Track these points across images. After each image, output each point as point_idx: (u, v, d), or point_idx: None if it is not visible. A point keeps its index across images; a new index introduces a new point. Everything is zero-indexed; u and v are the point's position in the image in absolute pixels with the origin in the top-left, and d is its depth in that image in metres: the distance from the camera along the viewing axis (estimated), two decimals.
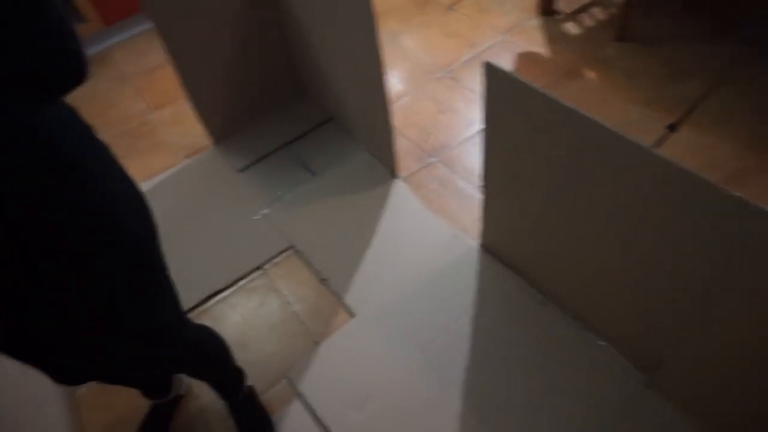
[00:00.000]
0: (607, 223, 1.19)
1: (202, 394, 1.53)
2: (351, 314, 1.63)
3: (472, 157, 1.98)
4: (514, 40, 2.40)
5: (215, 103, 2.08)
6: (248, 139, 2.17)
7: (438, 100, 2.21)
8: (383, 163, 1.97)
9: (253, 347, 1.61)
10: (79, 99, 2.81)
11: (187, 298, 1.71)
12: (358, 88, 1.80)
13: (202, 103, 2.05)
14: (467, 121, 2.11)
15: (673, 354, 1.26)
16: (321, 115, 2.20)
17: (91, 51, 2.82)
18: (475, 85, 2.24)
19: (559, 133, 1.14)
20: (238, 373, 1.41)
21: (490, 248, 1.68)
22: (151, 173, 2.13)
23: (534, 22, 2.48)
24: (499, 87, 1.20)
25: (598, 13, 2.46)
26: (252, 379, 1.53)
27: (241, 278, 1.77)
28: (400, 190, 1.91)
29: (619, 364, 1.42)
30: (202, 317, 1.69)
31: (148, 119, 2.40)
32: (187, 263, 1.80)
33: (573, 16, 2.47)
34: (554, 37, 2.38)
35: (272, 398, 1.50)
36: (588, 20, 2.44)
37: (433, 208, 1.84)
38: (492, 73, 1.19)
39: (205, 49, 1.90)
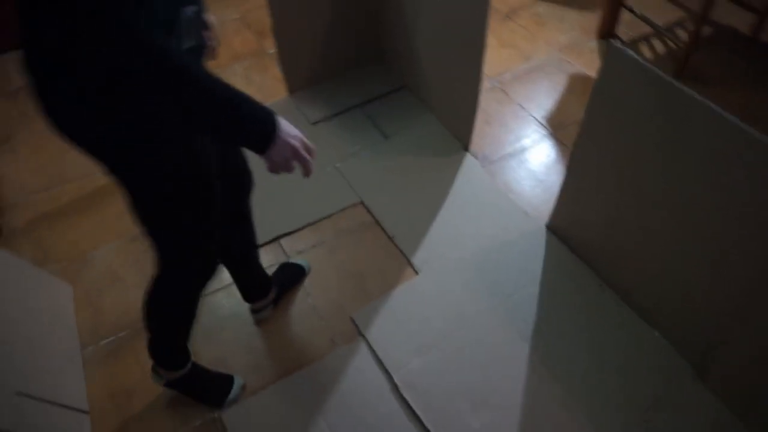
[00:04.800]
0: (690, 218, 1.26)
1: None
2: (416, 272, 1.70)
3: (513, 172, 1.97)
4: (569, 59, 2.39)
5: (299, 51, 2.13)
6: (323, 93, 2.22)
7: (485, 110, 2.18)
8: (457, 136, 2.03)
9: (317, 293, 1.68)
10: None
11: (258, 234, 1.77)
12: (450, 61, 1.85)
13: (286, 50, 2.10)
14: (513, 136, 2.09)
15: (727, 351, 1.33)
16: (395, 81, 2.25)
17: None
18: (524, 101, 2.22)
19: (673, 120, 1.19)
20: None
21: (557, 230, 1.75)
22: None
23: (592, 44, 2.45)
24: (619, 67, 1.25)
25: (658, 46, 2.44)
26: (316, 320, 1.60)
27: (310, 224, 1.83)
28: (471, 163, 1.97)
29: (670, 355, 1.49)
30: (269, 256, 1.76)
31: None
32: (257, 206, 1.86)
33: (632, 44, 2.45)
34: None
35: (336, 336, 1.57)
36: (646, 51, 2.43)
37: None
38: (615, 52, 1.25)
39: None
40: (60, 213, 1.93)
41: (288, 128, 0.89)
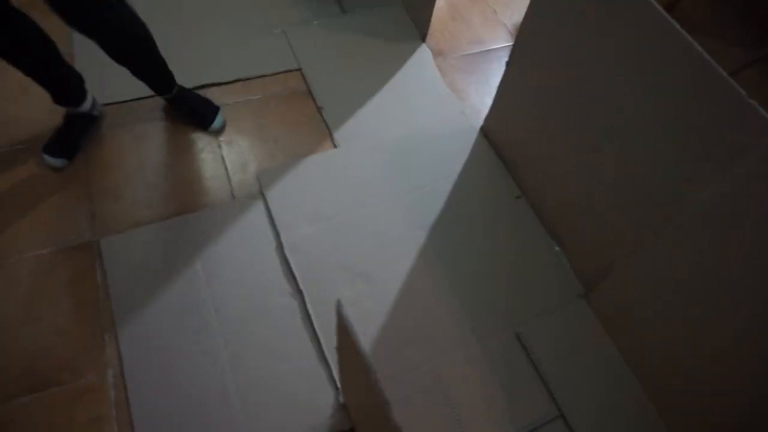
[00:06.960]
0: (612, 134, 1.18)
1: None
2: (335, 146, 1.63)
3: (464, 72, 1.87)
4: None
5: None
6: None
7: (456, 6, 2.08)
8: (417, 25, 1.92)
9: (231, 147, 1.61)
10: None
11: (187, 78, 1.68)
12: None
13: None
14: (476, 38, 1.98)
15: (613, 276, 1.30)
16: None
17: None
18: (499, 7, 2.10)
19: (604, 28, 1.10)
20: (168, 72, 1.53)
21: (489, 134, 1.68)
22: None
23: None
24: None
25: None
26: (221, 170, 1.55)
27: (242, 80, 1.74)
28: (424, 54, 1.87)
29: (564, 271, 1.47)
30: None
31: None
32: (197, 49, 1.77)
33: None
34: None
35: (237, 189, 1.52)
36: None
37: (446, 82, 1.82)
38: None
39: None
40: None
41: None
